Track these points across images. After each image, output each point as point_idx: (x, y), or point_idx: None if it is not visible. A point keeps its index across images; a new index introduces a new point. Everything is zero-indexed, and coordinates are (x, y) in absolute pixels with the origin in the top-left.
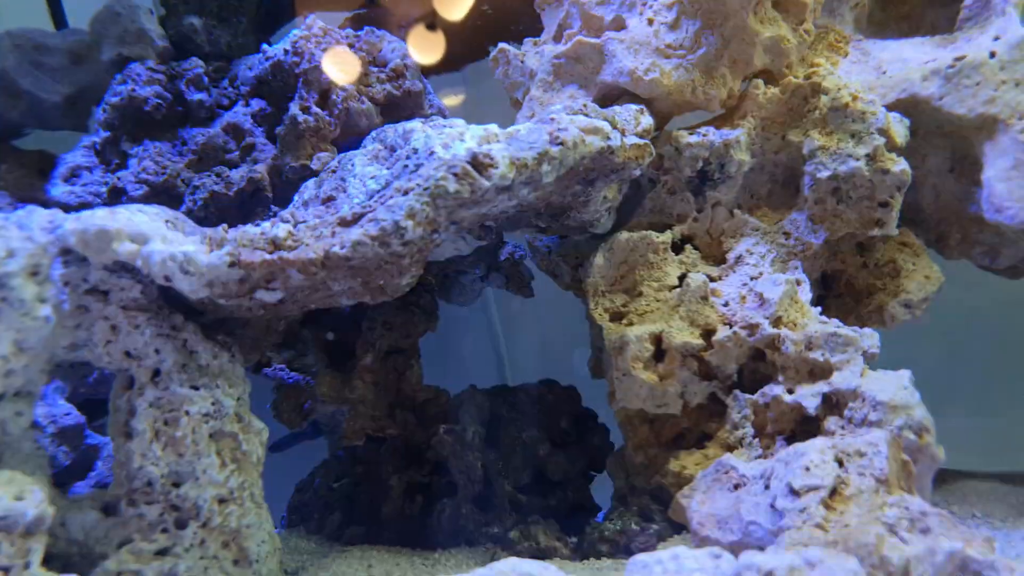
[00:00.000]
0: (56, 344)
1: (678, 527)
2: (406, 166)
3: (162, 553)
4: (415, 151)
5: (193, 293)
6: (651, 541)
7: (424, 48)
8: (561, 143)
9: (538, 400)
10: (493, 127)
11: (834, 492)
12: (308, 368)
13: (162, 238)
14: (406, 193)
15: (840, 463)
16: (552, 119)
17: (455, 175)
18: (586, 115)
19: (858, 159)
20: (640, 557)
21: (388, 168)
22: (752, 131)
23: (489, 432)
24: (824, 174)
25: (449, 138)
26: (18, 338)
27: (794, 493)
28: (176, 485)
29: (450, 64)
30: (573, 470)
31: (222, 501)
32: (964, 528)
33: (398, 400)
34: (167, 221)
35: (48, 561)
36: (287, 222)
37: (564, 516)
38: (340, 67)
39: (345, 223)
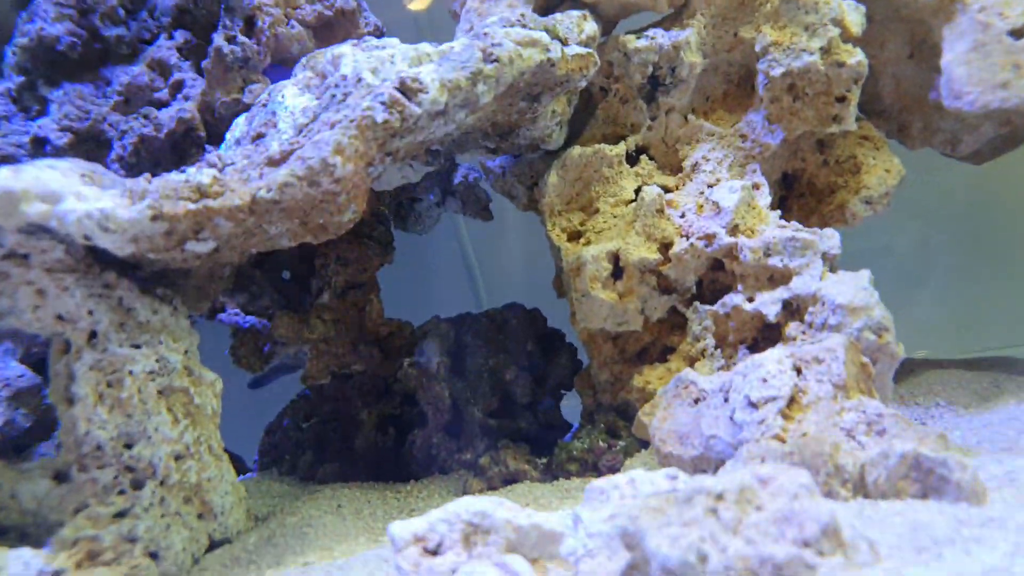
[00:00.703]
0: None
1: (645, 442)
2: (334, 96)
3: (120, 516)
4: (344, 78)
5: (119, 250)
6: (618, 458)
7: None
8: (496, 60)
9: (502, 325)
10: (425, 46)
11: (792, 401)
12: (264, 311)
13: (76, 195)
14: (333, 127)
15: (798, 371)
16: (485, 33)
17: (383, 104)
18: (524, 26)
19: (812, 53)
20: (597, 482)
21: (318, 98)
22: (703, 30)
23: (455, 361)
24: (778, 71)
25: (379, 61)
26: None
27: (752, 405)
28: (128, 446)
29: None
30: (541, 391)
31: (179, 458)
32: (920, 427)
33: (361, 336)
34: (83, 175)
35: (3, 533)
36: (213, 166)
37: (535, 438)
38: None
39: (273, 163)
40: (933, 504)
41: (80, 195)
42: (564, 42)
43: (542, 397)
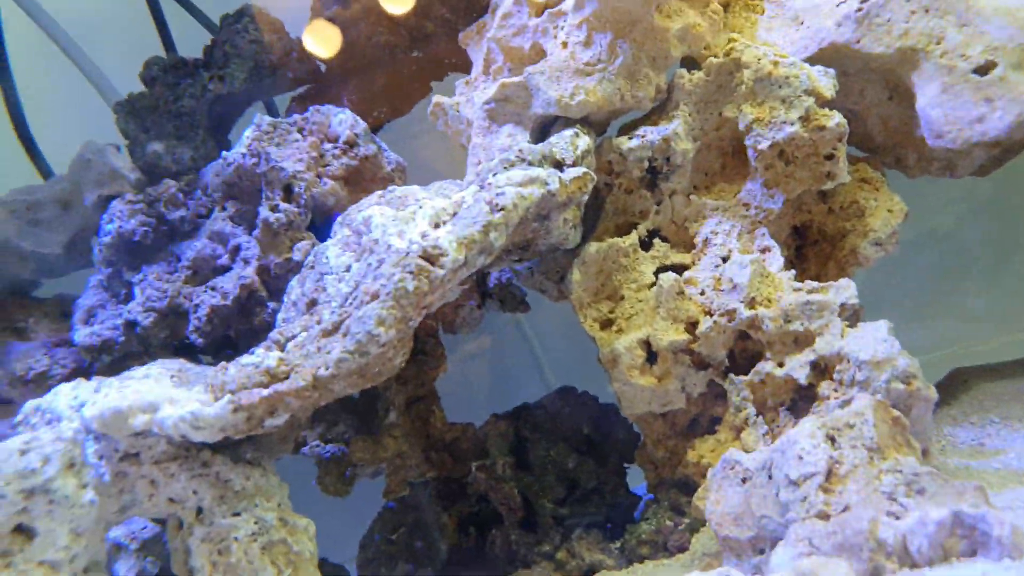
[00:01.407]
0: (106, 512)
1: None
2: (370, 264)
3: None
4: (375, 242)
5: (209, 440)
6: (685, 536)
7: (372, 104)
8: (502, 209)
9: (556, 414)
10: (441, 202)
11: (830, 473)
12: (341, 436)
13: (169, 401)
14: (373, 299)
15: (832, 440)
16: (489, 184)
17: (411, 274)
18: (522, 160)
19: (792, 123)
20: None
21: (357, 260)
22: (688, 117)
23: (519, 455)
24: (765, 144)
25: (404, 222)
26: (72, 527)
27: (793, 483)
28: None
29: (398, 112)
30: (604, 471)
31: None
32: (957, 483)
33: (429, 444)
34: (172, 376)
35: None
36: (277, 343)
37: (606, 518)
38: (296, 158)
39: (327, 334)
40: (980, 563)
41: (172, 400)
42: (561, 164)
43: (606, 476)
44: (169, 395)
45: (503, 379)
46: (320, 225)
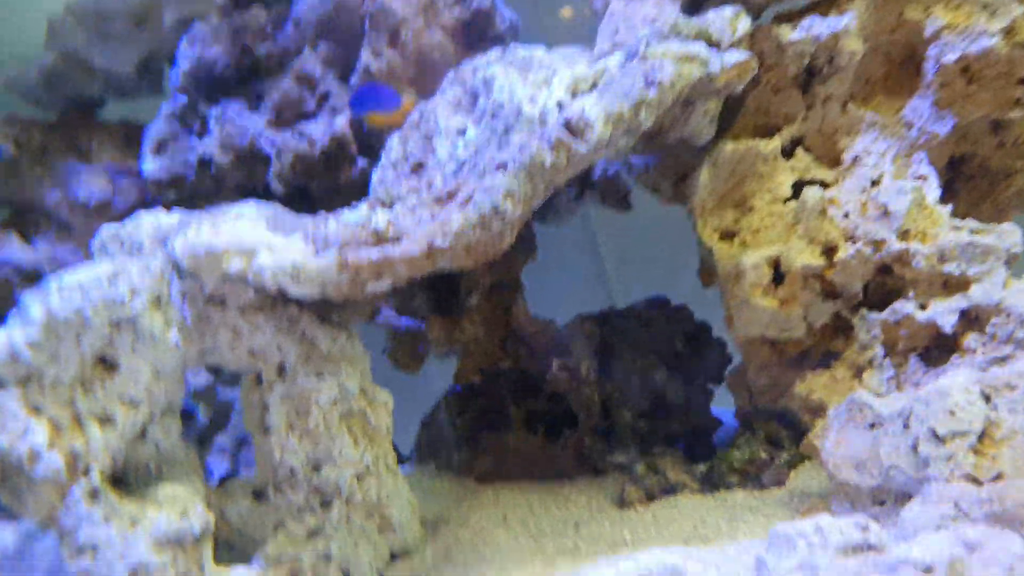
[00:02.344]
0: (186, 357)
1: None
2: (494, 130)
3: (314, 535)
4: (500, 106)
5: (307, 296)
6: (782, 472)
7: None
8: (657, 85)
9: (648, 323)
10: (580, 68)
11: (984, 435)
12: (416, 311)
13: (267, 247)
14: (500, 169)
15: (987, 399)
16: (644, 57)
17: (550, 147)
18: (677, 33)
19: (992, 35)
20: (782, 528)
21: (474, 124)
22: (864, 12)
23: (602, 361)
24: (951, 57)
25: (535, 87)
26: (155, 366)
27: (938, 439)
28: (316, 469)
29: None
30: (693, 390)
31: (360, 477)
32: None
33: (507, 334)
34: (267, 220)
35: (213, 546)
36: (382, 203)
37: (689, 438)
38: (406, 1)
39: (440, 202)
40: None
41: (271, 246)
42: (718, 46)
43: (693, 395)
44: (267, 241)
45: (565, 288)
46: (419, 79)
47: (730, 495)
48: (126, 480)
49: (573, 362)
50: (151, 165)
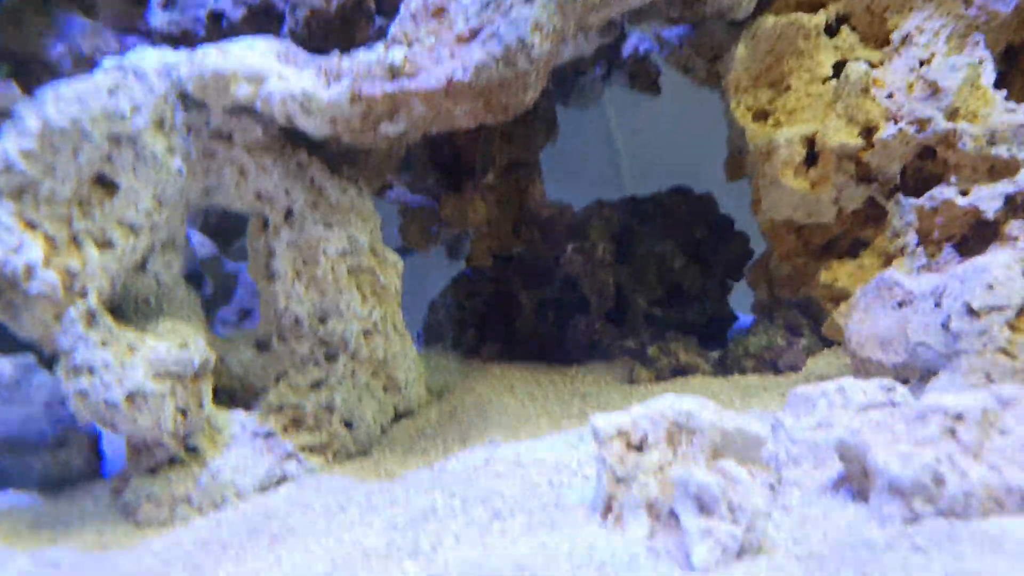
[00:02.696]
0: (190, 192)
1: (829, 342)
2: None
3: (317, 386)
4: None
5: (316, 131)
6: (799, 357)
7: None
8: None
9: (671, 210)
10: None
11: (1021, 312)
12: (430, 189)
13: (278, 75)
14: (527, 1)
15: None
16: None
17: None
18: None
19: None
20: (802, 389)
21: None
22: None
23: (620, 246)
24: None
25: None
26: (157, 192)
27: (973, 314)
28: (322, 321)
29: None
30: (710, 282)
31: (367, 334)
32: None
33: (522, 217)
34: (278, 54)
35: (215, 393)
36: (400, 43)
37: (702, 329)
38: None
39: (463, 40)
40: None
41: (281, 75)
42: None
43: (711, 287)
44: (277, 69)
45: (576, 176)
46: None
47: (744, 379)
48: (125, 312)
49: (589, 244)
50: (159, 19)
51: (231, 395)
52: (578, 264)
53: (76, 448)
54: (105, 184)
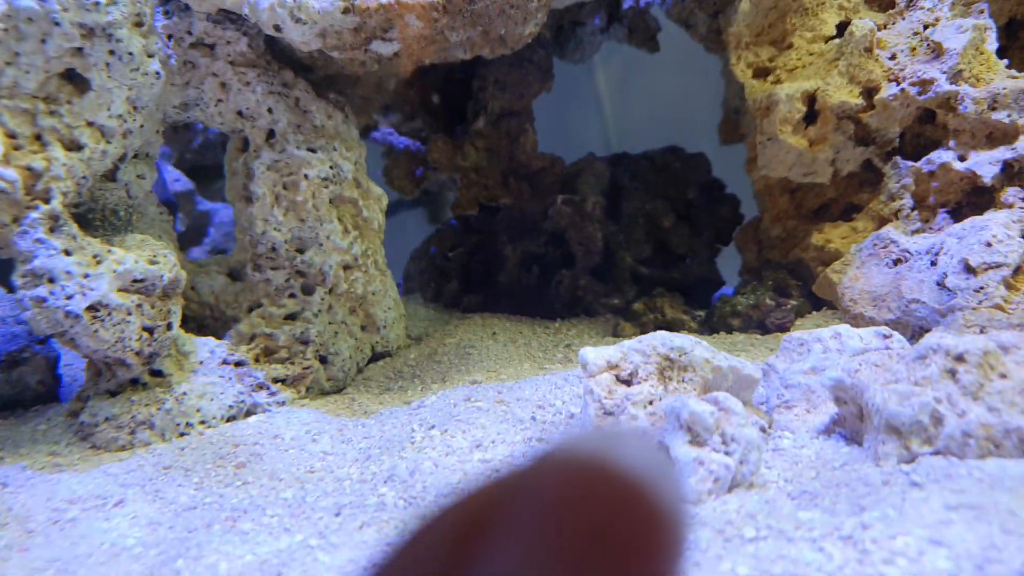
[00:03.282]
0: (167, 103)
1: (817, 303)
2: None
3: (291, 318)
4: None
5: (305, 44)
6: (788, 317)
7: None
8: None
9: (663, 168)
10: None
11: (1018, 271)
12: (417, 132)
13: None
14: None
15: None
16: None
17: None
18: None
19: None
20: (796, 334)
21: None
22: None
23: (609, 202)
24: None
25: None
26: (131, 95)
27: (970, 271)
28: (300, 251)
29: None
30: (699, 243)
31: (347, 268)
32: None
33: (512, 168)
34: None
35: (184, 321)
36: None
37: (688, 289)
38: None
39: None
40: None
41: None
42: None
43: (698, 248)
44: None
45: (562, 132)
46: None
47: (730, 337)
48: (92, 222)
49: (579, 198)
50: None
51: (201, 324)
52: (566, 217)
53: (31, 368)
54: (75, 81)
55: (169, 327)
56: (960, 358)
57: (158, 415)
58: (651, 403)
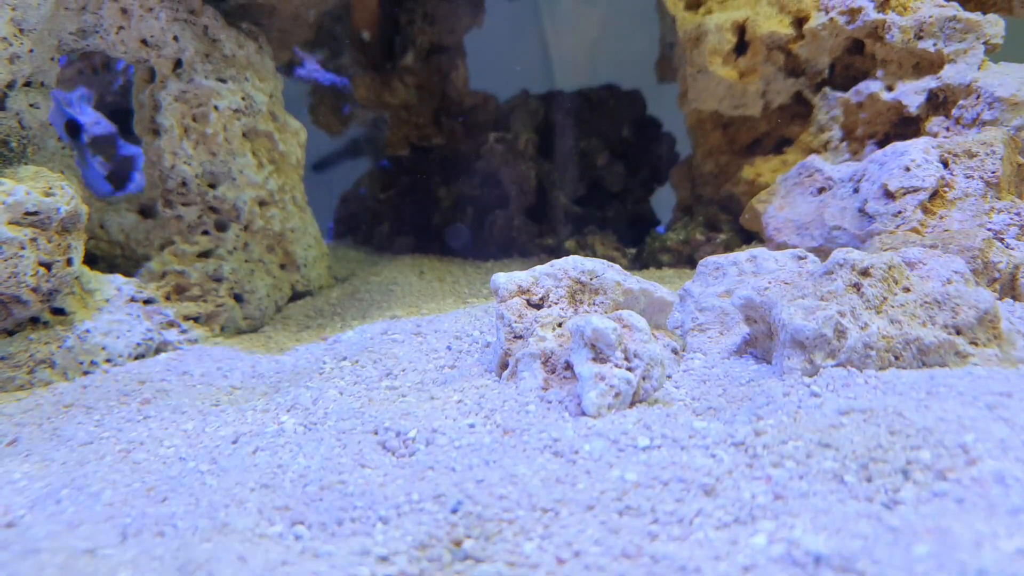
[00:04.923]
0: (62, 29)
1: (748, 237)
2: None
3: (205, 255)
4: None
5: None
6: (717, 251)
7: None
8: None
9: (598, 105)
10: None
11: (935, 195)
12: (344, 69)
13: None
14: None
15: (945, 164)
16: None
17: None
18: None
19: None
20: (713, 258)
21: None
22: None
23: (543, 140)
24: None
25: None
26: (15, 16)
27: (889, 195)
28: (212, 186)
29: None
30: (634, 181)
31: (262, 204)
32: None
33: (443, 106)
34: None
35: (93, 261)
36: None
37: (623, 228)
38: None
39: None
40: None
41: None
42: None
43: (633, 187)
44: None
45: (505, 68)
46: None
47: (660, 272)
48: None
49: (512, 135)
50: None
51: (111, 264)
52: (499, 155)
53: None
54: None
55: (69, 263)
56: (865, 272)
57: (58, 353)
58: (560, 325)
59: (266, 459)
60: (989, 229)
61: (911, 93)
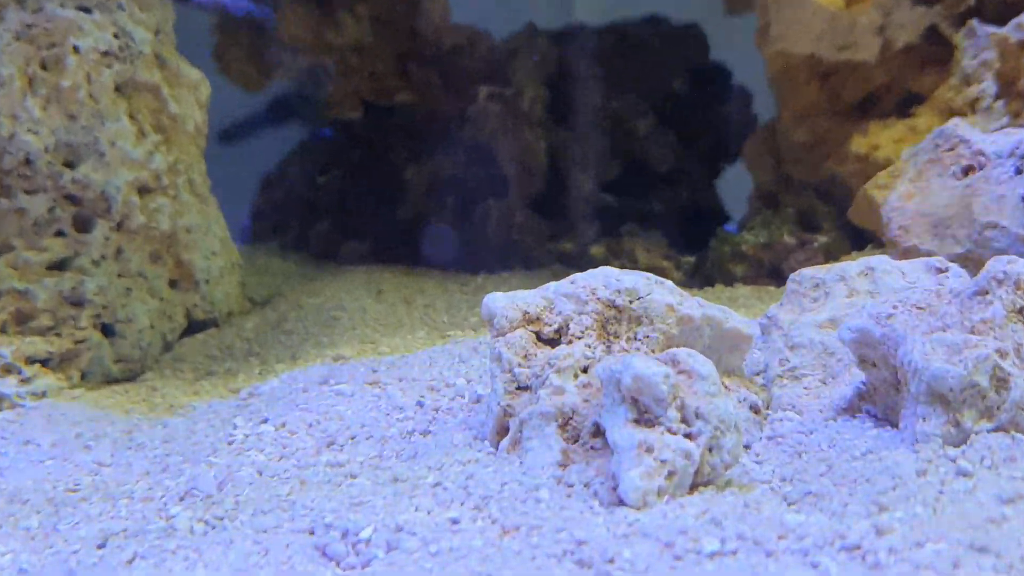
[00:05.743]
0: None
1: (859, 239)
2: None
3: (59, 267)
4: None
5: None
6: (815, 260)
7: None
8: None
9: (637, 47)
10: None
11: None
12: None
13: None
14: None
15: None
16: None
17: None
18: None
19: None
20: (810, 270)
21: None
22: None
23: (557, 98)
24: None
25: None
26: None
27: None
28: (70, 165)
29: None
30: (690, 158)
31: (145, 191)
32: None
33: (412, 48)
34: None
35: None
36: None
37: (675, 228)
38: None
39: None
40: None
41: None
42: None
43: (690, 167)
44: None
45: None
46: None
47: (730, 291)
48: None
49: (512, 91)
50: None
51: None
52: (494, 119)
53: None
54: None
55: None
56: None
57: None
58: (585, 371)
59: (148, 573)
60: None
61: None
